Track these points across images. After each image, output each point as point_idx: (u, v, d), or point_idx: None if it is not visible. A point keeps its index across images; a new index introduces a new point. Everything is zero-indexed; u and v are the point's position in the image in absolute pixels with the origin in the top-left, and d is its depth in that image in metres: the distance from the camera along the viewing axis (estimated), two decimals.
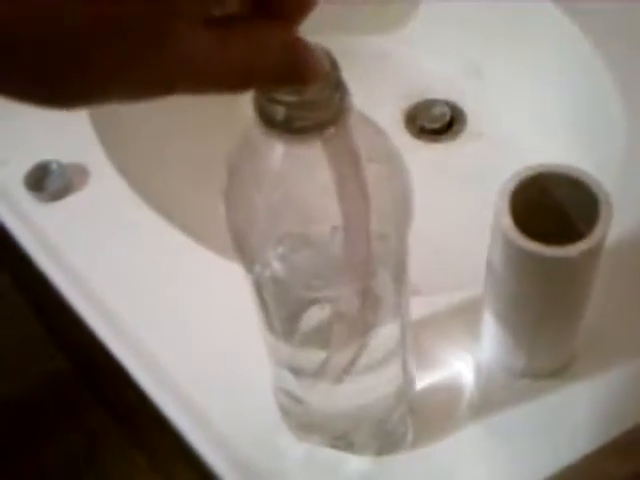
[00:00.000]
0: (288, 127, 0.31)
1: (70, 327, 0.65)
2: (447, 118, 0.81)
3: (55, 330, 1.12)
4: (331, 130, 0.31)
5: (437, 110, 0.82)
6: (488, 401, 0.52)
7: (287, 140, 0.32)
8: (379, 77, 0.85)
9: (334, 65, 0.31)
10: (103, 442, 1.37)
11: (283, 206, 0.34)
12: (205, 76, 0.27)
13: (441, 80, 0.84)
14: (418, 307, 0.54)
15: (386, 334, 0.42)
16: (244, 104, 0.33)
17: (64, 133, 0.66)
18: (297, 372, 0.44)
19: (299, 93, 0.30)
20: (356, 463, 0.50)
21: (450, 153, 0.80)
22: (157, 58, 0.25)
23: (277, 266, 0.36)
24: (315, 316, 0.39)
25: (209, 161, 0.38)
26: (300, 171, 0.33)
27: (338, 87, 0.31)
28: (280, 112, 0.31)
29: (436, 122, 0.81)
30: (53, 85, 0.24)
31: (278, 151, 0.32)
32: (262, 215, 0.35)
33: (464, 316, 0.55)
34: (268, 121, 0.31)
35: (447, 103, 0.83)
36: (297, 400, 0.47)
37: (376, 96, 0.83)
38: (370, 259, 0.34)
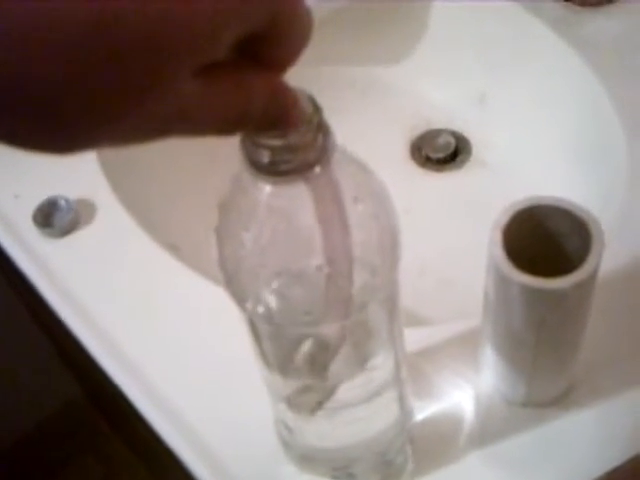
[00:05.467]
0: (273, 170, 0.32)
1: (81, 360, 0.66)
2: (452, 148, 0.82)
3: (69, 362, 1.13)
4: (315, 170, 0.32)
5: (442, 140, 0.83)
6: (488, 431, 0.52)
7: (273, 181, 0.33)
8: (385, 108, 0.86)
9: (316, 108, 0.32)
10: (119, 468, 1.39)
11: (270, 245, 0.35)
12: (193, 123, 0.28)
13: (446, 110, 0.85)
14: (419, 337, 0.55)
15: (379, 366, 0.43)
16: None
17: (71, 169, 0.67)
18: (292, 405, 0.44)
19: (283, 137, 0.31)
20: None
21: (455, 182, 0.81)
22: (150, 108, 0.26)
23: (267, 303, 0.37)
24: (307, 351, 0.40)
25: (214, 196, 0.39)
26: (286, 210, 0.34)
27: (320, 129, 0.32)
28: (265, 155, 0.32)
29: (441, 152, 0.82)
30: (36, 135, 0.25)
31: (265, 191, 0.33)
32: (251, 253, 0.35)
33: (464, 346, 0.55)
34: (254, 164, 0.32)
35: (452, 133, 0.83)
36: (294, 432, 0.47)
37: (382, 127, 0.84)
38: (351, 297, 0.35)
